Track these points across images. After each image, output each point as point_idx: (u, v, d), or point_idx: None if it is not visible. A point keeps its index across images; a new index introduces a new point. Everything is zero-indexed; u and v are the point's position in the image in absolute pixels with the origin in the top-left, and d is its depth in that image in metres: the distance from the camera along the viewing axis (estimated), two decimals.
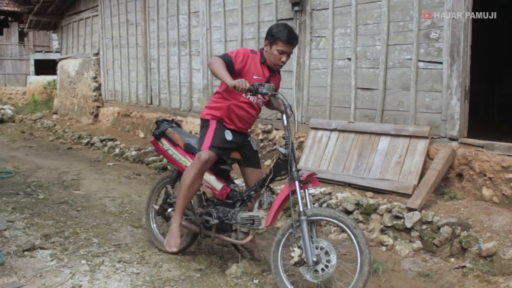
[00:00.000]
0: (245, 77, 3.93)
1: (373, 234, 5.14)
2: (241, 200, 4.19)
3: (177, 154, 4.55)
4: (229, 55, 4.00)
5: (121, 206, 6.30)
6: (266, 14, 7.91)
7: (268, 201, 3.98)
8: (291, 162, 3.77)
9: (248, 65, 4.05)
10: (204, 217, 4.30)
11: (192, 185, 4.16)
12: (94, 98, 13.80)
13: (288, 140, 3.85)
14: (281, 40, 3.96)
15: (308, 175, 3.79)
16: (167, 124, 4.76)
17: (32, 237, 4.90)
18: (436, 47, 5.75)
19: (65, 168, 8.73)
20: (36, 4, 14.83)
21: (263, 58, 4.12)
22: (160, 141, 4.72)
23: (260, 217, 3.98)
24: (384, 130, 6.15)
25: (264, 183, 4.04)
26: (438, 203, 5.39)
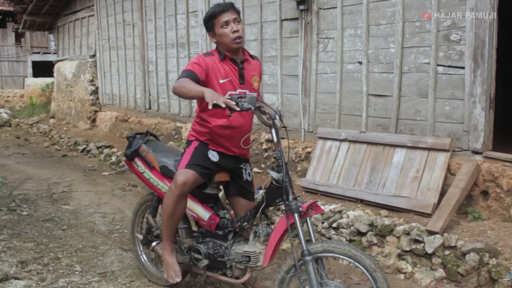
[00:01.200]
0: (215, 87, 3.35)
1: (390, 260, 4.60)
2: (234, 231, 3.55)
3: (154, 179, 3.91)
4: (188, 70, 3.30)
5: (111, 224, 5.78)
6: (269, 13, 7.36)
7: (264, 233, 3.34)
8: (287, 189, 3.11)
9: (208, 70, 3.36)
10: (193, 255, 3.68)
11: (174, 214, 3.54)
12: (92, 102, 13.27)
13: (281, 161, 3.15)
14: (215, 15, 3.39)
15: (309, 204, 3.12)
16: (140, 139, 4.11)
17: (6, 264, 4.37)
18: (457, 50, 5.19)
19: (56, 179, 8.22)
20: (30, 3, 14.29)
21: (221, 54, 3.45)
22: (134, 162, 4.09)
23: (257, 253, 3.33)
24: (399, 141, 5.59)
25: (256, 213, 3.39)
26: (461, 224, 4.83)
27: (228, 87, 3.41)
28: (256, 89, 3.58)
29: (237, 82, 3.47)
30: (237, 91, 3.42)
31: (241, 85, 3.47)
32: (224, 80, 3.40)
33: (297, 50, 6.95)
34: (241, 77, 3.48)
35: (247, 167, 3.75)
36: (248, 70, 3.53)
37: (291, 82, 7.14)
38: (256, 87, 3.57)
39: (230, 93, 3.39)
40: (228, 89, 3.41)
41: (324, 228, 5.28)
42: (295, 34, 6.98)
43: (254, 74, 3.57)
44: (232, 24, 3.37)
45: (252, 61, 3.63)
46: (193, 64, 3.34)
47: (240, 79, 3.48)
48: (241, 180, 3.71)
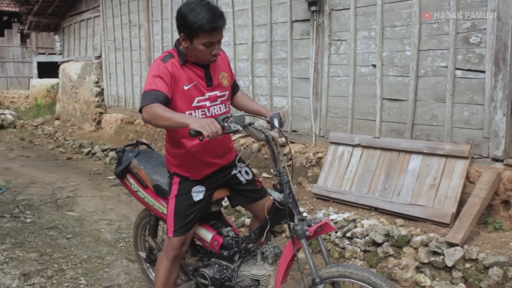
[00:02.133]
0: (179, 95, 2.91)
1: (408, 273, 4.39)
2: (239, 252, 3.25)
3: (149, 198, 3.55)
4: (155, 90, 2.77)
5: (117, 232, 5.61)
6: (279, 14, 7.17)
7: (272, 254, 3.04)
8: (291, 211, 2.81)
9: (172, 80, 2.87)
10: (198, 279, 3.38)
11: (168, 281, 3.23)
12: (97, 103, 13.11)
13: (284, 177, 2.82)
14: (204, 30, 2.79)
15: (317, 226, 2.76)
16: (131, 153, 3.73)
17: (9, 277, 4.23)
18: (477, 53, 4.99)
19: (61, 183, 8.07)
20: (36, 4, 14.15)
21: (182, 58, 2.94)
22: (126, 179, 3.73)
23: (266, 275, 3.04)
24: (415, 147, 5.39)
25: (261, 234, 3.10)
26: (482, 235, 4.62)
27: (194, 93, 2.96)
28: (227, 86, 3.15)
29: (204, 85, 3.00)
30: (206, 95, 2.99)
31: (209, 88, 3.02)
32: (189, 86, 2.94)
33: (308, 52, 6.76)
34: (208, 79, 3.02)
35: (240, 168, 3.20)
36: (214, 68, 3.07)
37: (301, 85, 6.95)
38: (226, 84, 3.13)
39: (198, 99, 2.97)
40: (195, 95, 2.96)
41: (338, 238, 5.08)
42: (306, 36, 6.78)
43: (221, 70, 3.12)
44: (215, 45, 2.90)
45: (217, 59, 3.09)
46: (154, 80, 2.82)
47: (208, 82, 3.01)
48: (241, 185, 3.31)
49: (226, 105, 3.15)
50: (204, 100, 3.00)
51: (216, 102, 3.06)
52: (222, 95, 3.10)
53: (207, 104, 3.01)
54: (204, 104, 3.00)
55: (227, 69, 3.21)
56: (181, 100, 2.92)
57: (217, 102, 3.07)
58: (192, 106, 2.96)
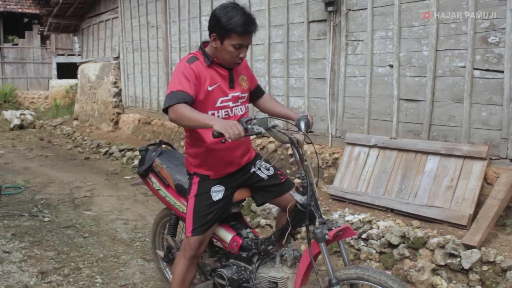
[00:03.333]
0: (203, 95, 2.99)
1: (424, 275, 4.35)
2: (258, 253, 3.25)
3: (170, 197, 3.58)
4: (179, 91, 2.84)
5: (133, 232, 5.63)
6: (296, 15, 7.16)
7: (291, 257, 3.04)
8: (312, 214, 2.83)
9: (197, 80, 2.96)
10: (216, 280, 3.39)
11: (184, 280, 3.24)
12: (115, 104, 13.21)
13: (306, 182, 2.85)
14: (237, 32, 2.89)
15: (337, 231, 2.75)
16: (154, 152, 3.78)
17: (27, 275, 4.27)
18: (495, 53, 4.93)
19: (78, 182, 8.14)
20: (56, 6, 14.32)
21: (209, 59, 3.05)
22: (149, 178, 3.76)
23: (284, 278, 3.04)
24: (432, 148, 5.34)
25: (282, 236, 3.10)
26: (499, 238, 4.56)
27: (217, 93, 3.05)
28: (246, 89, 3.24)
29: (227, 86, 3.11)
30: (229, 96, 3.09)
31: (231, 89, 3.12)
32: (212, 87, 3.03)
33: (324, 52, 6.73)
34: (231, 80, 3.13)
35: (259, 165, 3.31)
36: (236, 71, 3.18)
37: (318, 85, 6.93)
38: (245, 87, 3.23)
39: (222, 99, 3.07)
40: (218, 96, 3.06)
41: (353, 239, 5.05)
42: (323, 36, 6.76)
43: (240, 73, 3.22)
44: (244, 49, 3.01)
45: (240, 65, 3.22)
46: (180, 80, 2.89)
47: (230, 83, 3.12)
48: (262, 182, 3.30)
49: (245, 106, 3.24)
50: (227, 100, 3.09)
51: (237, 103, 3.15)
52: (242, 96, 3.19)
53: (230, 105, 3.10)
54: (227, 104, 3.09)
55: (246, 72, 3.29)
56: (205, 100, 3.00)
57: (238, 103, 3.16)
58: (215, 106, 3.04)
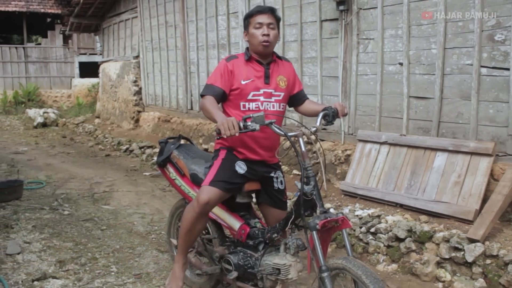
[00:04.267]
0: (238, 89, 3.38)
1: (428, 268, 4.46)
2: (264, 241, 3.47)
3: (185, 186, 3.84)
4: (211, 84, 3.38)
5: (149, 225, 5.83)
6: (309, 14, 7.29)
7: (295, 245, 3.23)
8: (316, 202, 3.05)
9: (230, 76, 3.39)
10: (223, 265, 3.62)
11: (191, 230, 3.49)
12: (135, 102, 13.46)
13: (310, 172, 3.07)
14: (252, 14, 3.43)
15: (326, 221, 2.97)
16: (172, 145, 4.06)
17: (45, 263, 4.48)
18: (502, 51, 5.01)
19: (98, 178, 8.37)
20: (77, 6, 14.63)
21: (247, 55, 3.48)
22: (166, 168, 4.04)
23: (287, 265, 3.22)
24: (440, 145, 5.44)
25: (286, 224, 3.30)
26: (504, 232, 4.65)
27: (250, 88, 3.40)
28: (283, 89, 3.51)
29: (262, 81, 3.43)
30: (260, 91, 3.40)
31: (266, 85, 3.44)
32: (246, 81, 3.39)
33: (337, 51, 6.86)
34: (267, 76, 3.45)
35: (278, 174, 3.62)
36: (274, 70, 3.50)
37: (331, 83, 7.05)
38: (282, 86, 3.50)
39: (253, 93, 3.39)
40: (250, 90, 3.40)
41: (362, 233, 5.18)
42: (335, 35, 6.89)
43: (280, 74, 3.51)
44: (265, 27, 3.37)
45: (280, 62, 3.59)
46: (216, 76, 3.40)
47: (265, 79, 3.44)
48: (272, 189, 3.60)
49: (280, 105, 3.50)
50: (259, 95, 3.40)
51: (270, 99, 3.44)
52: (277, 94, 3.47)
53: (261, 99, 3.41)
54: (258, 98, 3.40)
55: (288, 75, 3.58)
56: (239, 92, 3.39)
57: (272, 100, 3.44)
58: (247, 98, 3.40)
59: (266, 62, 3.48)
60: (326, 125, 3.34)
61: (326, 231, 3.08)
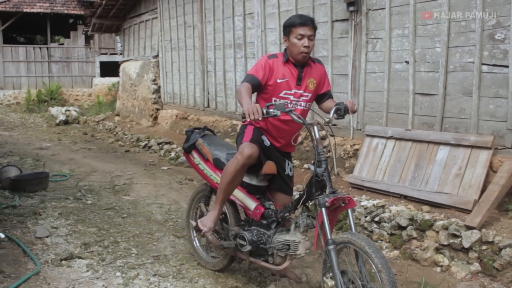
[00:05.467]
0: (273, 85, 3.78)
1: (427, 253, 4.75)
2: (277, 221, 3.83)
3: (207, 170, 4.25)
4: (251, 74, 3.75)
5: (167, 214, 6.18)
6: (321, 14, 7.60)
7: (304, 224, 3.60)
8: (326, 183, 3.40)
9: (270, 72, 3.77)
10: (238, 241, 3.97)
11: (232, 181, 3.82)
12: (154, 100, 13.87)
13: (322, 156, 3.42)
14: (295, 24, 3.72)
15: (334, 199, 3.33)
16: (198, 134, 4.47)
17: (72, 245, 4.85)
18: (501, 49, 5.27)
19: (119, 172, 8.75)
20: (99, 7, 15.09)
21: (285, 57, 3.82)
22: (191, 154, 4.45)
23: (296, 242, 3.59)
24: (443, 139, 5.71)
25: (297, 204, 3.68)
26: (501, 221, 4.92)
27: (284, 86, 3.80)
28: (312, 90, 3.89)
29: (295, 83, 3.81)
30: (292, 91, 3.81)
31: (297, 86, 3.82)
32: (281, 80, 3.79)
33: (347, 50, 7.16)
34: (299, 79, 3.82)
35: (289, 162, 4.09)
36: (306, 73, 3.86)
37: (341, 81, 7.35)
38: (311, 88, 3.88)
39: (286, 92, 3.80)
40: (284, 88, 3.80)
41: (367, 222, 5.47)
42: (345, 34, 7.18)
43: (311, 77, 3.87)
44: (306, 39, 3.70)
45: (314, 65, 3.94)
46: (257, 68, 3.78)
47: (298, 81, 3.82)
48: (283, 173, 4.03)
49: (307, 104, 3.90)
50: (290, 94, 3.80)
51: (298, 99, 3.83)
52: (306, 95, 3.86)
53: (291, 98, 3.80)
54: (288, 97, 3.80)
55: (317, 78, 3.93)
56: (274, 88, 3.80)
57: (300, 99, 3.84)
58: (279, 95, 3.80)
59: (300, 65, 3.83)
60: (337, 118, 3.69)
61: (333, 210, 3.43)
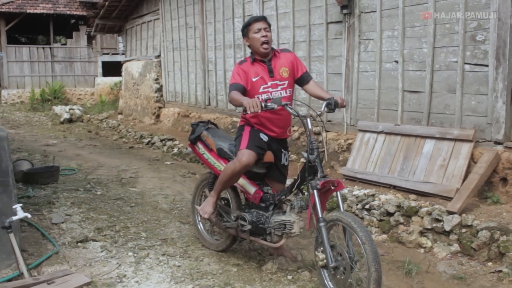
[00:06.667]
0: (250, 85, 4.21)
1: (412, 236, 5.19)
2: (274, 203, 4.27)
3: (211, 159, 4.67)
4: (234, 83, 4.17)
5: (172, 203, 6.60)
6: (316, 17, 8.03)
7: (298, 205, 4.04)
8: (317, 168, 3.85)
9: (245, 75, 4.21)
10: (239, 222, 4.41)
11: (228, 181, 4.32)
12: (156, 99, 14.32)
13: (314, 144, 3.87)
14: (250, 23, 4.27)
15: (325, 182, 3.78)
16: (202, 127, 4.89)
17: (86, 230, 5.27)
18: (482, 50, 5.71)
19: (124, 167, 9.17)
20: (102, 8, 15.53)
21: (252, 57, 4.30)
22: (196, 145, 4.88)
23: (291, 222, 4.03)
24: (429, 133, 6.16)
25: (292, 188, 4.11)
26: (481, 207, 5.36)
27: (260, 83, 4.24)
28: (286, 77, 4.31)
29: (268, 76, 4.26)
30: (268, 83, 4.25)
31: (271, 78, 4.27)
32: (255, 78, 4.24)
33: (341, 50, 7.60)
34: (270, 71, 4.27)
35: (285, 152, 4.52)
36: (276, 64, 4.30)
37: (335, 80, 7.79)
38: (285, 76, 4.31)
39: (263, 86, 4.24)
40: (260, 84, 4.25)
41: (358, 210, 5.90)
42: (339, 35, 7.62)
43: (282, 66, 4.31)
44: (263, 31, 4.21)
45: (281, 55, 4.37)
46: (235, 76, 4.22)
47: (270, 73, 4.26)
48: (279, 163, 4.47)
49: (286, 91, 4.32)
50: (267, 87, 4.25)
51: (276, 89, 4.26)
52: (282, 83, 4.30)
53: (270, 90, 4.25)
54: (267, 90, 4.25)
55: (289, 65, 4.35)
56: (252, 88, 4.23)
57: (278, 89, 4.27)
58: (259, 91, 4.24)
59: (267, 60, 4.30)
60: (328, 112, 4.13)
61: (324, 192, 3.89)
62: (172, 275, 4.18)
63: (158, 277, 4.14)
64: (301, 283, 4.14)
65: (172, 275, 4.18)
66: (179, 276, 4.17)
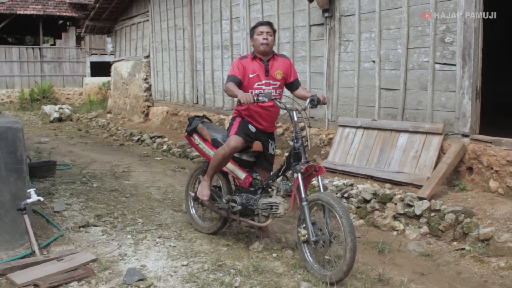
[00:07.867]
0: (246, 80, 4.71)
1: (386, 220, 5.68)
2: (262, 187, 4.75)
3: (206, 148, 5.15)
4: (232, 75, 4.69)
5: (165, 194, 7.04)
6: (300, 19, 8.52)
7: (284, 188, 4.55)
8: (301, 155, 4.34)
9: (244, 70, 4.71)
10: (230, 204, 4.90)
11: (219, 164, 4.83)
12: (145, 98, 14.73)
13: (299, 134, 4.38)
14: (256, 26, 4.85)
15: (308, 166, 4.29)
16: (198, 120, 5.37)
17: (86, 217, 5.69)
18: (450, 50, 6.23)
19: (117, 162, 9.58)
20: (92, 10, 15.90)
21: (253, 55, 4.83)
22: (193, 137, 5.35)
23: (277, 203, 4.53)
24: (403, 127, 6.67)
25: (278, 173, 4.61)
26: (449, 194, 5.87)
27: (255, 79, 4.76)
28: (279, 79, 4.84)
29: (263, 74, 4.77)
30: (262, 81, 4.77)
31: (266, 77, 4.78)
32: (252, 75, 4.76)
33: (322, 51, 8.10)
34: (266, 70, 4.79)
35: (272, 143, 5.03)
36: (272, 65, 4.83)
37: (317, 78, 8.29)
38: (278, 78, 4.83)
39: (257, 83, 4.75)
40: (255, 80, 4.76)
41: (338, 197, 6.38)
42: (321, 37, 8.12)
43: (278, 69, 4.83)
44: (265, 34, 4.76)
45: (279, 59, 4.91)
46: (234, 68, 4.73)
47: (266, 72, 4.78)
48: (266, 152, 4.98)
49: (276, 91, 4.83)
50: (261, 84, 4.75)
51: (269, 87, 4.75)
52: (275, 84, 4.83)
53: (263, 87, 4.73)
54: (261, 87, 4.74)
55: (284, 69, 4.90)
56: (247, 82, 4.73)
57: (270, 87, 4.76)
58: (253, 87, 4.74)
59: (266, 60, 4.82)
60: (311, 107, 4.65)
61: (307, 176, 4.41)
62: (168, 254, 4.62)
63: (156, 255, 4.59)
64: (284, 260, 4.60)
65: (168, 254, 4.62)
66: (175, 255, 4.61)
